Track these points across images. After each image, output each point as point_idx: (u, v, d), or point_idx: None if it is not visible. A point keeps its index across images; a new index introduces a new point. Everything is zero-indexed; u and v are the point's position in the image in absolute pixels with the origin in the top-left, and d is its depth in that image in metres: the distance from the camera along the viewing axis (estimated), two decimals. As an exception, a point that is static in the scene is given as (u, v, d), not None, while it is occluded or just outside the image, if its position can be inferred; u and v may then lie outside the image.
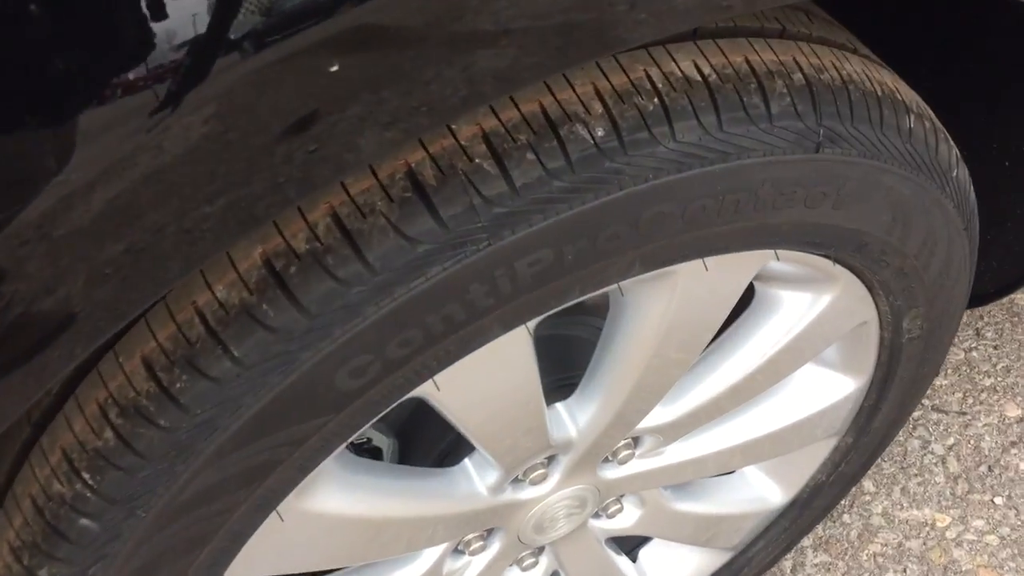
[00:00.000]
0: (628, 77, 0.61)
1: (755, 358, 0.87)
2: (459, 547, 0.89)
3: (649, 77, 0.62)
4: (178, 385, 0.57)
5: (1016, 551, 1.34)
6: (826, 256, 0.78)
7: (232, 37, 0.42)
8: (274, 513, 0.66)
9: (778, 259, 0.74)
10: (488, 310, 0.61)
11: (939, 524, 1.37)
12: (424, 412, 0.79)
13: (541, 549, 0.99)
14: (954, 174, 0.80)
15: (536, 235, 0.59)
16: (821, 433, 1.03)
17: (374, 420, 0.65)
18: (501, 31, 0.48)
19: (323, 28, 0.43)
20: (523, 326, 0.65)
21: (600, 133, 0.60)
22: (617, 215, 0.62)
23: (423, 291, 0.58)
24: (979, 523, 1.37)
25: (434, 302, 0.59)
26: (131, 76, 0.41)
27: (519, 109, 0.59)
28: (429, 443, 0.85)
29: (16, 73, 0.39)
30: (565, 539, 0.96)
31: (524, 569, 0.98)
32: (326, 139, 0.48)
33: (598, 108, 0.60)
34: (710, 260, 0.70)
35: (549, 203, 0.59)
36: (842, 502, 1.39)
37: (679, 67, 0.63)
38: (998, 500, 1.39)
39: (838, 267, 0.80)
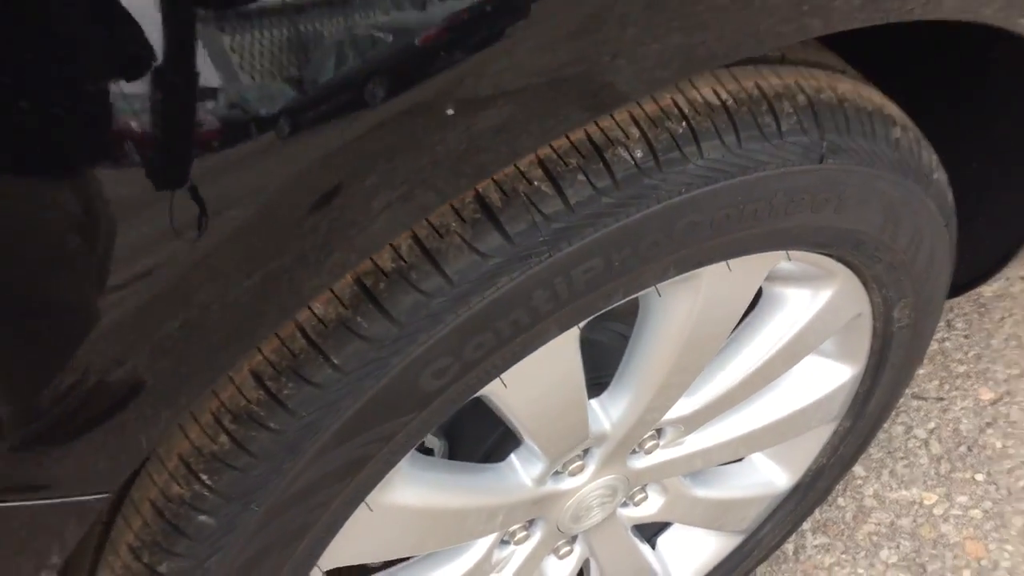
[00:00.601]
0: (659, 105, 0.70)
1: (765, 351, 0.96)
2: (505, 538, 0.97)
3: (676, 104, 0.71)
4: (285, 392, 0.64)
5: (999, 522, 1.44)
6: (828, 254, 0.87)
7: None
8: (361, 505, 0.73)
9: (789, 259, 0.83)
10: (548, 314, 0.70)
11: (926, 502, 1.47)
12: (469, 415, 0.88)
13: (575, 538, 1.07)
14: (935, 177, 0.90)
15: (589, 246, 0.68)
16: (822, 419, 1.12)
17: (447, 417, 0.73)
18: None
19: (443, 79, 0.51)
20: (576, 327, 0.74)
21: (639, 155, 0.69)
22: (656, 225, 0.70)
23: (494, 299, 0.67)
24: (963, 499, 1.47)
25: (504, 308, 0.67)
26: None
27: (568, 137, 0.68)
28: (475, 442, 0.93)
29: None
30: (597, 528, 1.04)
31: (560, 558, 1.06)
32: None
33: (636, 133, 0.69)
34: (732, 261, 0.79)
35: (599, 217, 0.68)
36: (836, 487, 1.48)
37: (700, 94, 0.72)
38: (979, 477, 1.49)
39: (837, 264, 0.90)
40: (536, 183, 0.66)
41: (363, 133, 0.51)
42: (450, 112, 0.52)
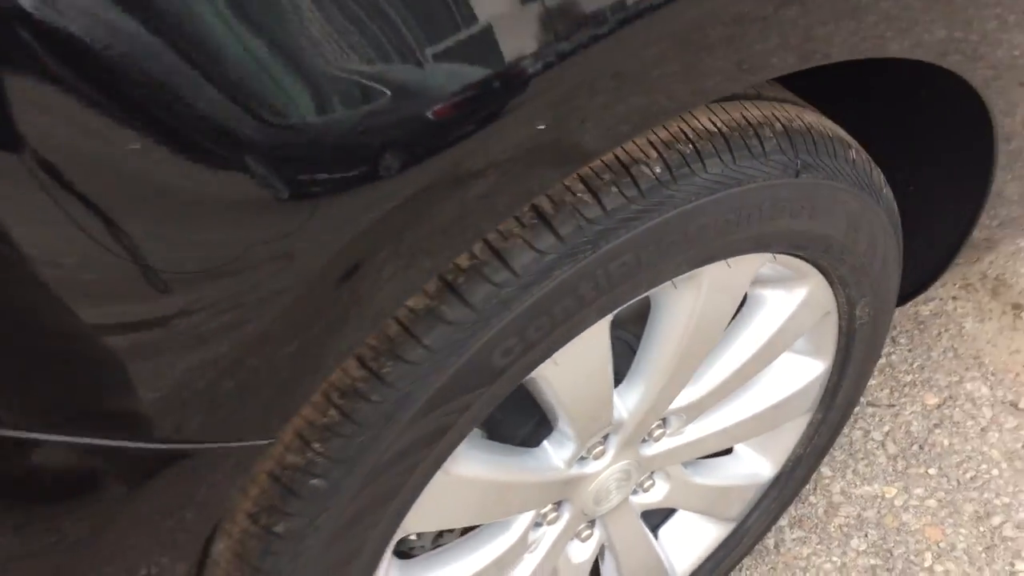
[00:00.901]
0: (669, 132, 0.87)
1: (751, 346, 1.12)
2: (538, 520, 1.10)
3: (683, 131, 0.88)
4: (384, 370, 0.78)
5: (952, 510, 1.61)
6: (803, 257, 1.04)
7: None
8: (439, 472, 0.87)
9: (775, 259, 1.00)
10: (591, 301, 0.85)
11: (887, 495, 1.64)
12: (506, 408, 1.02)
13: (593, 523, 1.20)
14: (884, 192, 1.08)
15: (622, 244, 0.84)
16: (798, 410, 1.28)
17: (508, 393, 0.87)
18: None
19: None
20: (609, 316, 0.89)
21: (658, 170, 0.85)
22: (673, 227, 0.86)
23: (550, 288, 0.82)
24: (919, 491, 1.64)
25: (557, 296, 0.82)
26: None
27: (602, 159, 0.84)
28: (512, 430, 1.07)
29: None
30: (613, 512, 1.18)
31: (582, 540, 1.20)
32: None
33: (654, 154, 0.85)
34: (731, 260, 0.95)
35: (629, 221, 0.84)
36: (807, 486, 1.64)
37: (700, 122, 0.89)
38: (932, 471, 1.67)
39: (809, 266, 1.07)
40: (579, 194, 0.82)
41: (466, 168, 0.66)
42: (541, 127, 0.68)
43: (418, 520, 0.91)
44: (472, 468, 0.94)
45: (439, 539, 1.18)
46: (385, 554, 0.93)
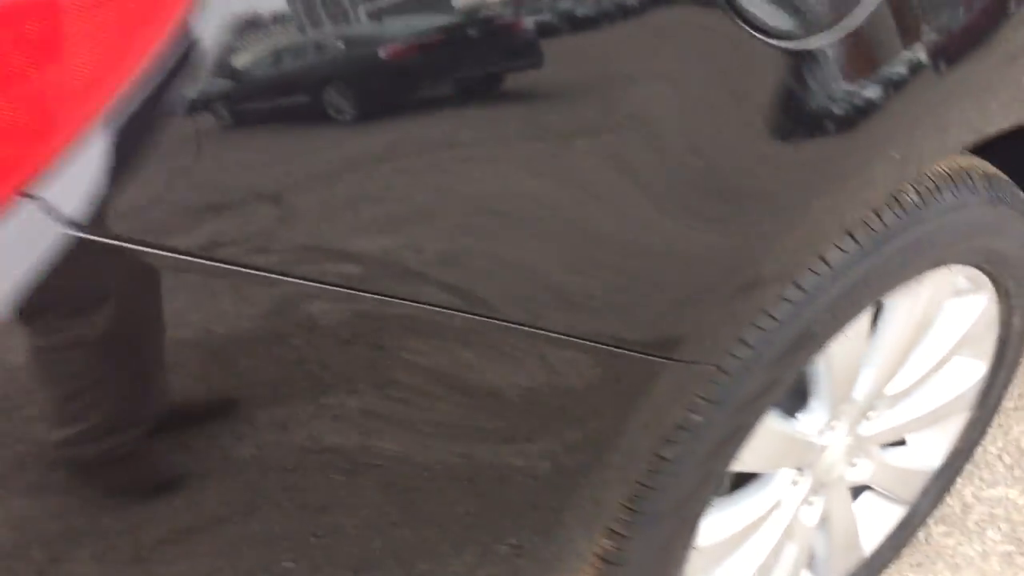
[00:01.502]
0: (919, 174, 1.22)
1: (943, 347, 1.45)
2: (793, 479, 1.41)
3: (928, 174, 1.23)
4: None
5: (1067, 506, 1.92)
6: (988, 271, 1.38)
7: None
8: (764, 417, 1.19)
9: (977, 268, 1.35)
10: (873, 289, 1.19)
11: (1011, 496, 1.95)
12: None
13: (817, 492, 1.50)
14: (1038, 224, 1.44)
15: (899, 247, 1.18)
16: (961, 407, 1.60)
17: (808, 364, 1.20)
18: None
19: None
20: (881, 300, 1.23)
21: (915, 198, 1.20)
22: (926, 237, 1.21)
23: (855, 281, 1.15)
24: (1037, 493, 1.95)
25: (858, 283, 1.16)
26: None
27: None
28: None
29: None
30: (833, 484, 1.48)
31: (810, 505, 1.50)
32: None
33: (911, 189, 1.20)
34: (948, 268, 1.30)
35: (902, 231, 1.18)
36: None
37: (936, 169, 1.24)
38: (1044, 477, 1.98)
39: (985, 278, 1.41)
40: (869, 216, 1.17)
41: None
42: (896, 156, 1.02)
43: (743, 460, 1.22)
44: (773, 423, 1.26)
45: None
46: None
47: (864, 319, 1.25)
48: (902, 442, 1.65)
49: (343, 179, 0.71)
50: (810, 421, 1.36)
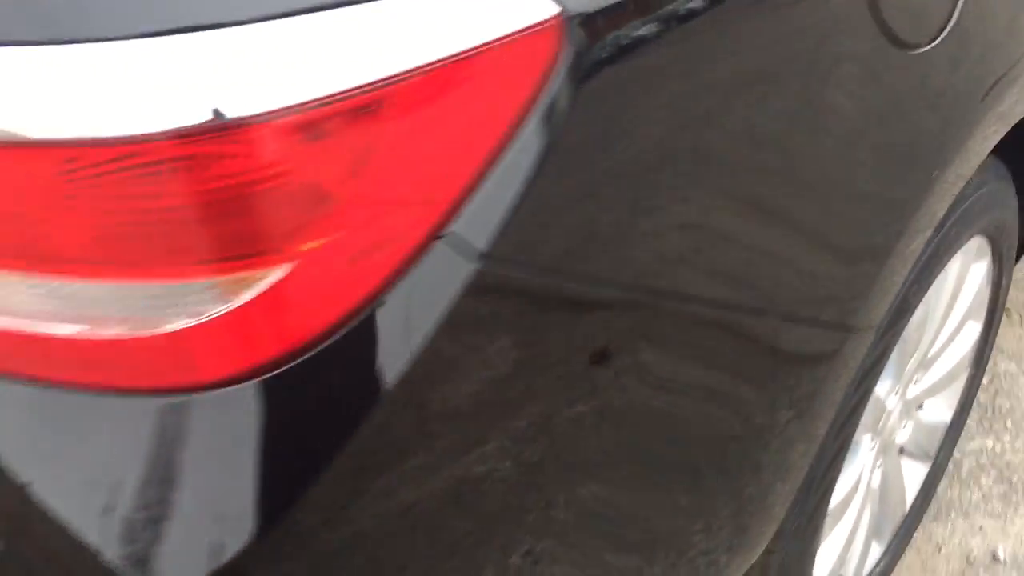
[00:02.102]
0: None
1: (963, 307, 1.66)
2: (871, 443, 1.56)
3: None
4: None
5: (1033, 446, 2.19)
6: (991, 236, 1.61)
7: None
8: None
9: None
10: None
11: (988, 445, 2.20)
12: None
13: (879, 456, 1.66)
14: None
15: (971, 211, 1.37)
16: (964, 366, 1.82)
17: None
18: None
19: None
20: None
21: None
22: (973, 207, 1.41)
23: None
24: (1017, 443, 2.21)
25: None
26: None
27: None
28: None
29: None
30: (889, 446, 1.65)
31: (878, 469, 1.65)
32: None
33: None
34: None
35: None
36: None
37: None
38: (1009, 424, 2.25)
39: (988, 244, 1.64)
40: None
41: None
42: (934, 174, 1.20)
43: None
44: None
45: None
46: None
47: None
48: (921, 405, 1.85)
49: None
50: (885, 386, 1.52)
